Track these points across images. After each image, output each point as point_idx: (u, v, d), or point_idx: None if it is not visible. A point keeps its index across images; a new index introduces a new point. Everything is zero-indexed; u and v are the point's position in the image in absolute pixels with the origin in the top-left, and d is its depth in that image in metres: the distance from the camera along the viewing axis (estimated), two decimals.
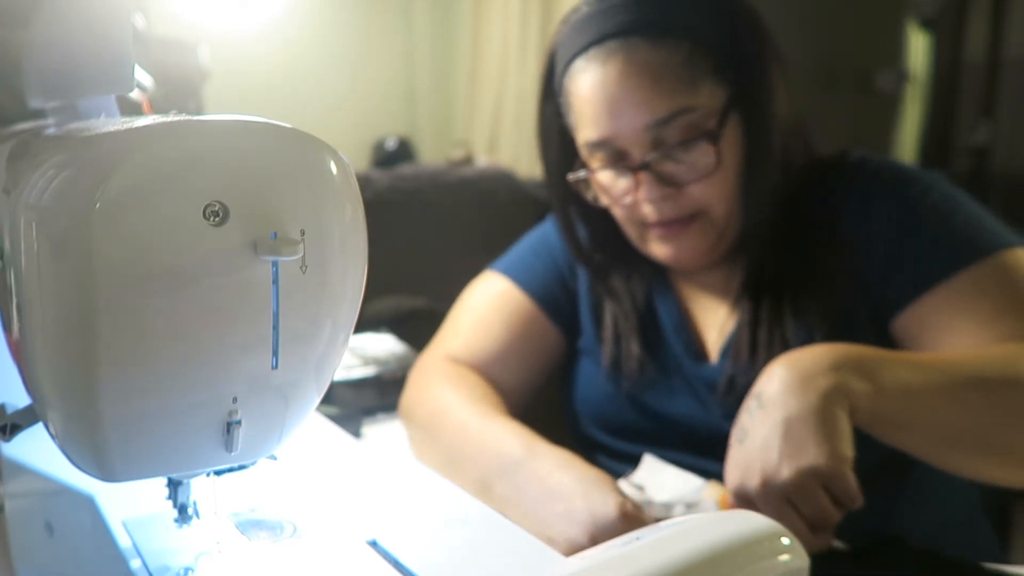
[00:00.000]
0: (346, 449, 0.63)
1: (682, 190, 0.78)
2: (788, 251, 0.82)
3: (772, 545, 0.37)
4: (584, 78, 0.78)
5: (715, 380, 0.83)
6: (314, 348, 0.37)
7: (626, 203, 0.81)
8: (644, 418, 0.87)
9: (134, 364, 0.33)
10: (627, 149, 0.78)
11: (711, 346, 0.86)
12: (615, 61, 0.77)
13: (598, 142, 0.79)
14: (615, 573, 0.35)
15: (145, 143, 0.33)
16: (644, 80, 0.76)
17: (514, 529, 0.48)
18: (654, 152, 0.77)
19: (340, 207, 0.36)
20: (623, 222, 0.84)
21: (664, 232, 0.81)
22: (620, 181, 0.80)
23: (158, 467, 0.38)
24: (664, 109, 0.75)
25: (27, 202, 0.34)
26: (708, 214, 0.80)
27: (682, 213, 0.79)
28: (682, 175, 0.77)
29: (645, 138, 0.77)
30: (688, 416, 0.85)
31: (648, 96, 0.76)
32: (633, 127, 0.76)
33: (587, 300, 0.93)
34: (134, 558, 0.44)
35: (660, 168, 0.78)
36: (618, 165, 0.79)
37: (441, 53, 4.30)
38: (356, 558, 0.44)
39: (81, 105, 0.43)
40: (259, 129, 0.35)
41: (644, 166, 0.77)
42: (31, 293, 0.33)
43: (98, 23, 0.39)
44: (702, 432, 0.84)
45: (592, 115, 0.78)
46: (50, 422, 0.37)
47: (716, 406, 0.83)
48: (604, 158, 0.80)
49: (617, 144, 0.78)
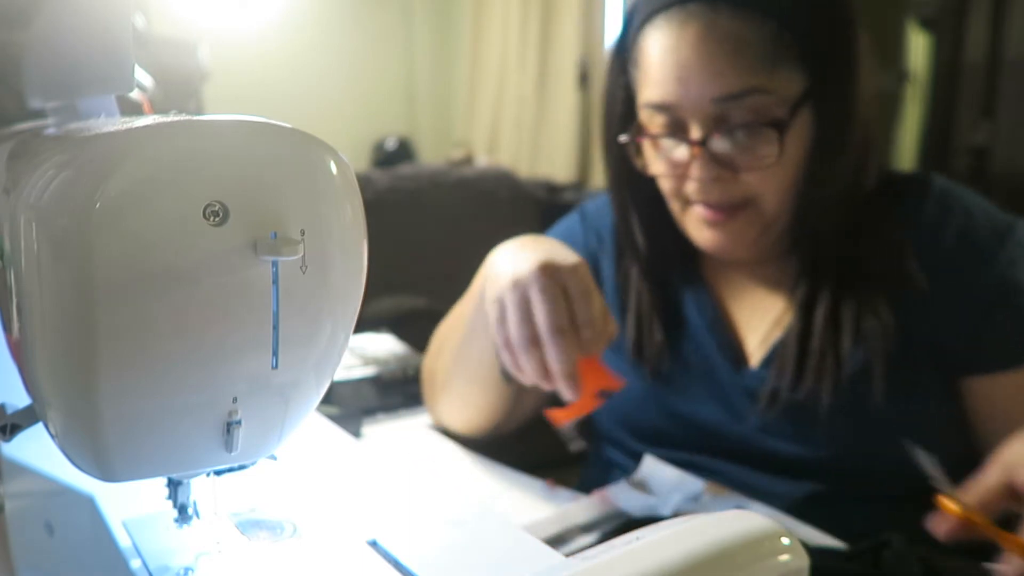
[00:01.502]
0: (346, 449, 0.63)
1: (736, 175, 0.74)
2: (853, 265, 0.78)
3: (772, 545, 0.37)
4: (658, 37, 0.74)
5: (755, 388, 0.80)
6: (314, 348, 0.37)
7: (675, 176, 0.77)
8: (667, 420, 0.85)
9: (134, 364, 0.33)
10: (688, 120, 0.74)
11: (751, 350, 0.83)
12: (695, 24, 0.72)
13: (660, 105, 0.75)
14: (615, 573, 0.35)
15: (145, 143, 0.33)
16: (722, 50, 0.72)
17: (514, 529, 0.48)
18: (715, 129, 0.73)
19: (340, 207, 0.36)
20: (668, 195, 0.81)
21: (708, 216, 0.77)
22: (674, 152, 0.77)
23: (158, 467, 0.38)
24: (737, 85, 0.72)
25: (27, 202, 0.34)
26: (757, 205, 0.76)
27: (730, 199, 0.76)
28: (739, 160, 0.74)
29: (710, 111, 0.73)
30: (716, 423, 0.82)
31: (723, 68, 0.72)
32: (700, 97, 0.73)
33: (612, 291, 0.91)
34: (134, 558, 0.44)
35: (718, 148, 0.74)
36: (676, 135, 0.75)
37: (441, 53, 4.30)
38: (356, 558, 0.44)
39: (81, 105, 0.43)
40: (259, 129, 0.35)
41: (702, 142, 0.74)
42: (31, 293, 0.33)
43: (98, 23, 0.39)
44: (732, 440, 0.81)
45: (659, 77, 0.75)
46: (50, 422, 0.37)
47: (751, 416, 0.80)
48: (663, 124, 0.76)
49: (679, 112, 0.75)
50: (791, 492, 0.79)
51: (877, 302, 0.76)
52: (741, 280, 0.86)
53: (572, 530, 0.71)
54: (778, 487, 0.79)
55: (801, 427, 0.78)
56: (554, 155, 3.68)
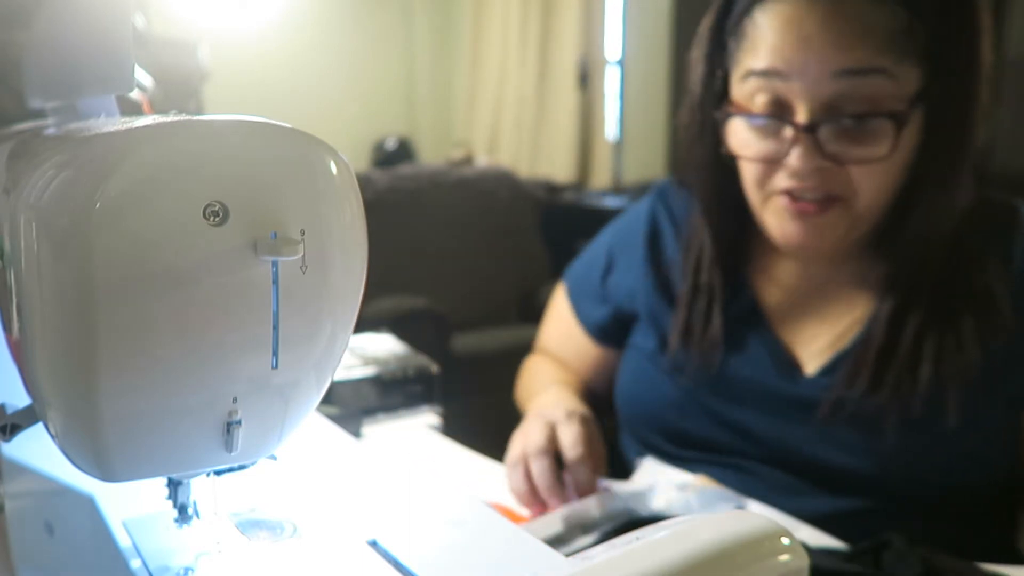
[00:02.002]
0: (346, 449, 0.63)
1: (838, 168, 0.71)
2: (946, 285, 0.75)
3: (772, 545, 0.37)
4: (781, 9, 0.70)
5: (811, 396, 0.77)
6: (314, 348, 0.37)
7: (768, 161, 0.73)
8: (711, 427, 0.82)
9: (134, 364, 0.33)
10: (796, 101, 0.70)
11: (806, 358, 0.80)
12: (824, 2, 0.69)
13: (771, 72, 0.70)
14: (615, 573, 0.35)
15: (145, 143, 0.33)
16: (850, 27, 0.68)
17: (514, 529, 0.48)
18: (825, 116, 0.69)
19: (340, 207, 0.36)
20: (752, 183, 0.76)
21: (796, 208, 0.73)
22: (775, 136, 0.72)
23: (158, 467, 0.38)
24: (863, 60, 0.68)
25: (27, 202, 0.34)
26: (849, 202, 0.73)
27: (825, 193, 0.72)
28: (846, 152, 0.70)
29: (823, 92, 0.69)
30: (764, 429, 0.80)
31: (848, 43, 0.68)
32: (820, 69, 0.68)
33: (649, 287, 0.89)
34: (134, 558, 0.44)
35: (824, 136, 0.70)
36: (782, 116, 0.71)
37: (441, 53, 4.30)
38: (356, 558, 0.44)
39: (81, 105, 0.43)
40: (259, 129, 0.35)
41: (810, 128, 0.69)
42: (31, 293, 0.33)
43: (98, 23, 0.39)
44: (779, 449, 0.79)
45: (778, 43, 0.70)
46: (50, 422, 0.37)
47: (806, 424, 0.77)
48: (766, 103, 0.72)
49: (789, 90, 0.70)
50: (836, 505, 0.77)
51: (964, 335, 0.73)
52: (796, 285, 0.83)
53: (572, 530, 0.71)
54: (823, 498, 0.77)
55: (861, 441, 0.76)
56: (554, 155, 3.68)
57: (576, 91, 3.57)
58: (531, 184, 3.04)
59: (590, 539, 0.70)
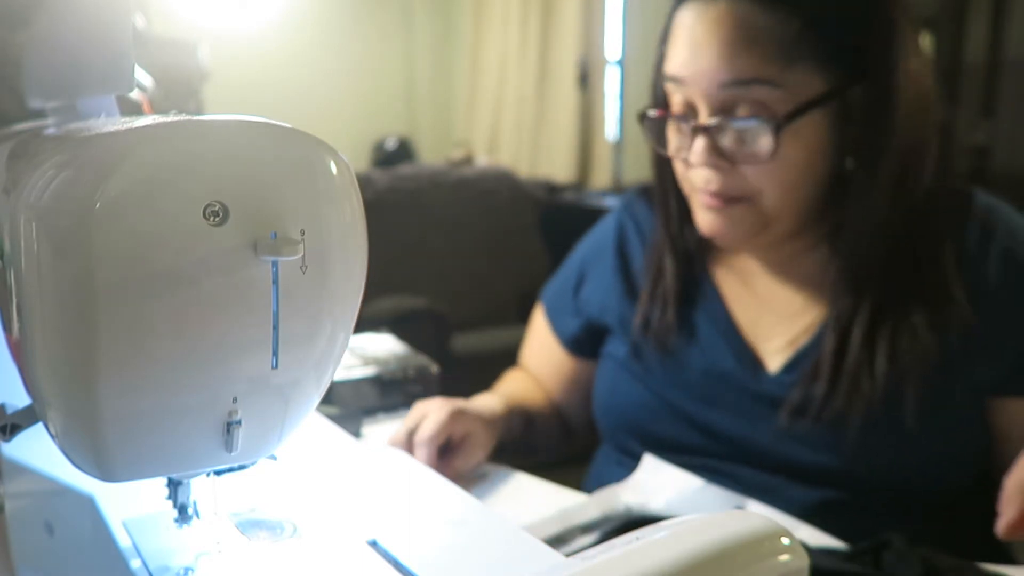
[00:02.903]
0: (346, 449, 0.63)
1: (735, 167, 0.75)
2: (896, 280, 0.77)
3: (772, 545, 0.37)
4: (686, 14, 0.76)
5: (774, 394, 0.80)
6: (314, 348, 0.37)
7: (682, 158, 0.79)
8: (681, 428, 0.84)
9: (134, 364, 0.33)
10: (697, 102, 0.76)
11: (768, 355, 0.82)
12: (717, 8, 0.73)
13: (674, 78, 0.76)
14: (615, 573, 0.35)
15: (145, 143, 0.33)
16: (736, 35, 0.72)
17: (514, 529, 0.48)
18: (720, 117, 0.74)
19: (340, 207, 0.36)
20: (679, 177, 0.82)
21: (708, 202, 0.78)
22: (681, 136, 0.78)
23: (158, 467, 0.38)
24: (746, 72, 0.72)
25: (27, 202, 0.34)
26: (757, 201, 0.77)
27: (728, 190, 0.76)
28: (736, 152, 0.75)
29: (716, 97, 0.74)
30: (731, 428, 0.82)
31: (734, 53, 0.72)
32: (708, 79, 0.74)
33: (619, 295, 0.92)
34: (134, 558, 0.44)
35: (719, 136, 0.75)
36: (685, 119, 0.77)
37: (441, 53, 4.30)
38: (356, 558, 0.44)
39: (81, 105, 0.43)
40: (259, 129, 0.35)
41: (705, 128, 0.75)
42: (31, 293, 0.33)
43: (98, 23, 0.39)
44: (748, 447, 0.81)
45: (677, 51, 0.76)
46: (50, 422, 0.37)
47: (772, 421, 0.79)
48: (680, 104, 0.78)
49: (688, 92, 0.76)
50: (809, 498, 0.78)
51: (917, 323, 0.75)
52: (756, 283, 0.85)
53: (572, 530, 0.71)
54: (796, 493, 0.78)
55: (826, 437, 0.77)
56: (554, 155, 3.68)
57: (576, 91, 3.57)
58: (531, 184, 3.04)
59: (590, 539, 0.70)
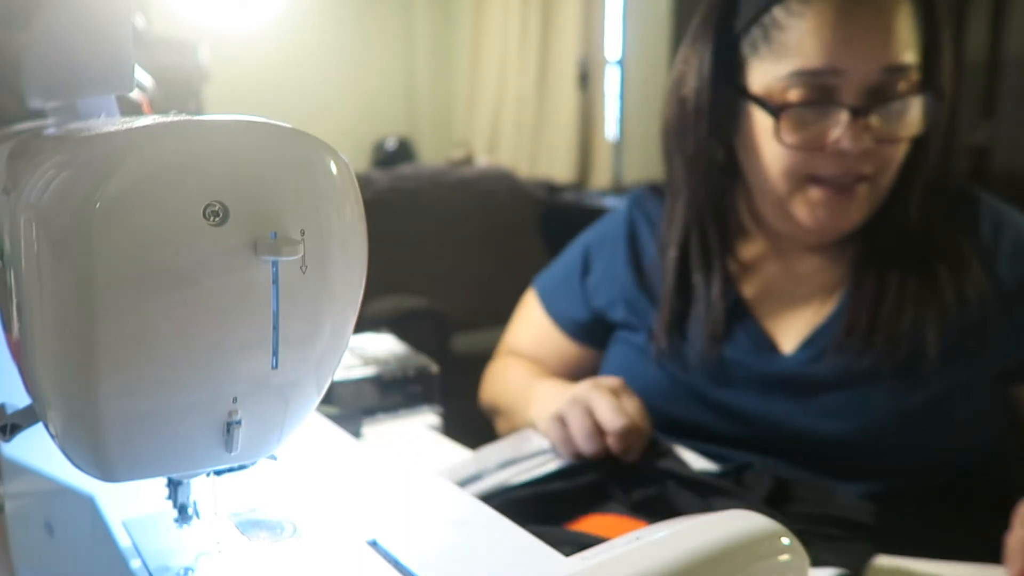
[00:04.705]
0: (346, 449, 0.63)
1: (879, 147, 0.77)
2: (909, 262, 0.80)
3: (772, 545, 0.37)
4: (817, 6, 0.76)
5: (791, 372, 0.82)
6: (314, 348, 0.37)
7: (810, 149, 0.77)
8: (701, 411, 0.86)
9: (134, 364, 0.33)
10: (844, 91, 0.76)
11: (784, 338, 0.85)
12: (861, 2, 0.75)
13: (821, 71, 0.76)
14: (615, 573, 0.35)
15: (145, 143, 0.33)
16: (888, 21, 0.75)
17: (514, 529, 0.48)
18: (872, 100, 0.75)
19: (340, 207, 0.36)
20: (780, 172, 0.80)
21: (830, 193, 0.78)
22: (820, 123, 0.77)
23: (158, 467, 0.38)
24: (900, 57, 0.75)
25: (27, 202, 0.34)
26: (875, 181, 0.78)
27: (862, 170, 0.77)
28: (887, 131, 0.76)
29: (874, 81, 0.75)
30: (750, 409, 0.83)
31: (889, 38, 0.75)
32: (869, 65, 0.74)
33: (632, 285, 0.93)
34: (134, 558, 0.44)
35: (873, 118, 0.76)
36: (829, 104, 0.76)
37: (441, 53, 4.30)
38: (356, 558, 0.44)
39: (81, 105, 0.43)
40: (259, 129, 0.35)
41: (863, 111, 0.75)
42: (31, 293, 0.33)
43: (98, 23, 0.39)
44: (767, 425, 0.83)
45: (824, 42, 0.75)
46: (50, 422, 0.37)
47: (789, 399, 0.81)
48: (803, 96, 0.77)
49: (838, 81, 0.75)
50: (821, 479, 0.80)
51: (940, 281, 0.79)
52: (772, 277, 0.88)
53: (488, 470, 0.77)
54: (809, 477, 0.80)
55: (846, 404, 0.79)
56: (554, 155, 3.68)
57: (576, 91, 3.57)
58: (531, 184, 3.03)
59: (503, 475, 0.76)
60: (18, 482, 0.58)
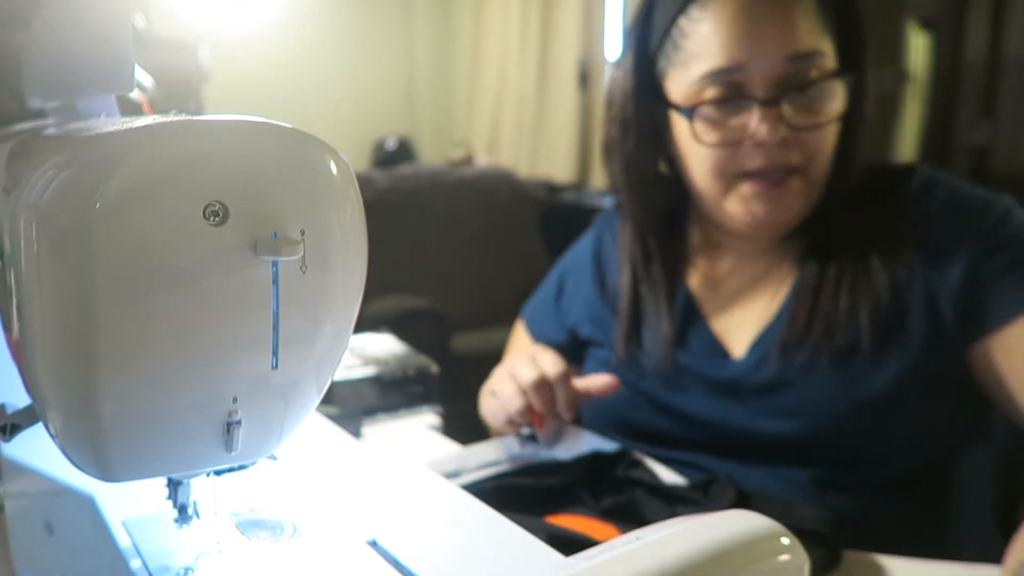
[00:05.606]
0: (346, 449, 0.63)
1: (799, 136, 0.77)
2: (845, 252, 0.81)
3: (772, 545, 0.37)
4: (715, 8, 0.77)
5: (739, 377, 0.82)
6: (314, 348, 0.37)
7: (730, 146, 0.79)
8: (659, 417, 0.88)
9: (134, 364, 0.33)
10: (752, 85, 0.77)
11: (734, 342, 0.85)
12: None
13: (727, 70, 0.77)
14: (615, 573, 0.35)
15: (145, 143, 0.33)
16: (786, 12, 0.76)
17: (514, 529, 0.48)
18: (783, 90, 0.76)
19: (340, 207, 0.36)
20: (709, 174, 0.82)
21: (762, 188, 0.79)
22: (734, 119, 0.78)
23: (158, 467, 0.38)
24: (804, 45, 0.76)
25: (27, 202, 0.34)
26: (807, 171, 0.79)
27: (789, 161, 0.78)
28: (802, 119, 0.77)
29: (780, 72, 0.76)
30: (705, 414, 0.84)
31: (790, 28, 0.76)
32: (773, 56, 0.76)
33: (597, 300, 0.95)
34: (134, 558, 0.44)
35: (786, 108, 0.77)
36: (740, 99, 0.77)
37: (441, 53, 4.30)
38: (356, 558, 0.44)
39: (81, 105, 0.43)
40: (259, 129, 0.35)
41: (774, 101, 0.76)
42: (31, 293, 0.33)
43: (98, 23, 0.39)
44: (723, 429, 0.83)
45: (725, 41, 0.77)
46: (50, 422, 0.37)
47: (740, 402, 0.82)
48: (716, 95, 0.78)
49: (745, 76, 0.77)
50: (780, 481, 0.80)
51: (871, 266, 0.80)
52: (724, 281, 0.89)
53: (467, 468, 0.80)
54: (767, 478, 0.81)
55: (793, 403, 0.80)
56: (554, 155, 3.68)
57: (576, 91, 3.57)
58: (531, 184, 3.04)
59: (482, 474, 0.77)
60: (18, 482, 0.58)
